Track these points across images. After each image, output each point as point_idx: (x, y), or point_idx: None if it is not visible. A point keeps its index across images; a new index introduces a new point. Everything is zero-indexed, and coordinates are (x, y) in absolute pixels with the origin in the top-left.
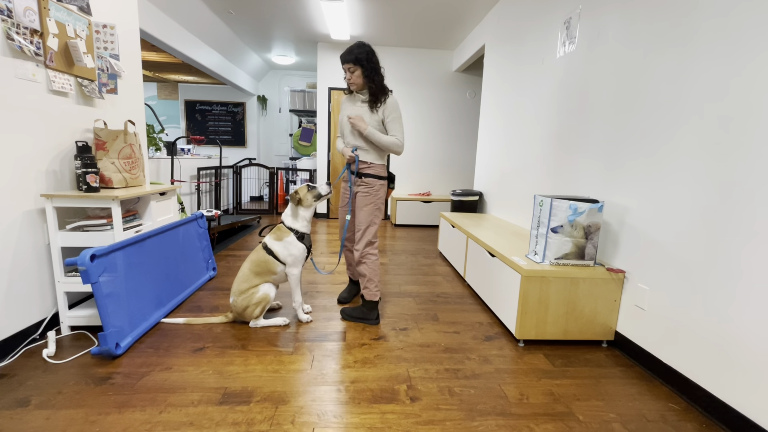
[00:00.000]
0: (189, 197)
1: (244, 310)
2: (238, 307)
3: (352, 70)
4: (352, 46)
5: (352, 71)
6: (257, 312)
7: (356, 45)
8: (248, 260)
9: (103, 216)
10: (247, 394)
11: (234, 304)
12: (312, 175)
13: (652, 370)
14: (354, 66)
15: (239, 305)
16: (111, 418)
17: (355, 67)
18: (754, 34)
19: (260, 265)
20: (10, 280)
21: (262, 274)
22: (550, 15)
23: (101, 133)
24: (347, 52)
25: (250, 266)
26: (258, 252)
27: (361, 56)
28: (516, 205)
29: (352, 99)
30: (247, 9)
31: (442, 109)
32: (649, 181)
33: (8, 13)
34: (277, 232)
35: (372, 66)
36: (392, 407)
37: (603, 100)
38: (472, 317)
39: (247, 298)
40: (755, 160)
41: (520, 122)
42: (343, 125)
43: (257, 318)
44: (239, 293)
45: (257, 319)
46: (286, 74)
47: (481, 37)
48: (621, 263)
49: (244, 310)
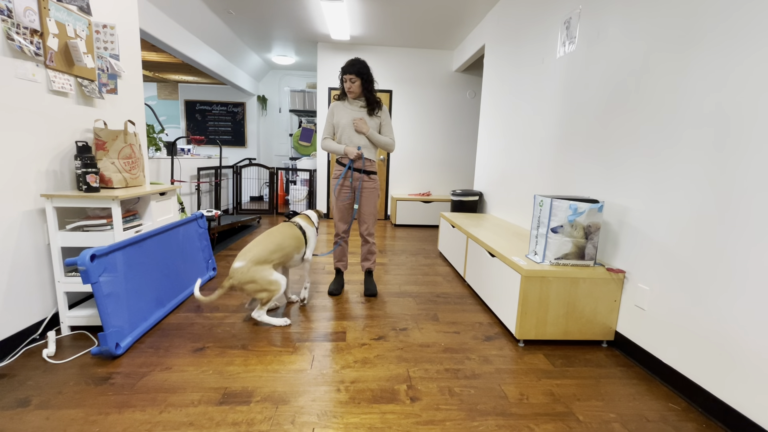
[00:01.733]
0: (189, 197)
1: (252, 283)
2: (246, 277)
3: (353, 80)
4: (353, 60)
5: (353, 81)
6: (264, 297)
7: (356, 60)
8: (278, 232)
9: (103, 216)
10: (247, 394)
11: (242, 271)
12: (312, 175)
13: (652, 370)
14: (356, 77)
15: (249, 275)
16: (111, 418)
17: (357, 78)
18: (755, 34)
19: (294, 240)
20: (10, 280)
21: (286, 252)
22: (550, 15)
23: (101, 133)
24: (350, 65)
25: (282, 239)
26: (293, 229)
27: (362, 70)
28: (516, 206)
29: (349, 105)
30: (247, 9)
31: (442, 109)
32: (650, 180)
33: (8, 13)
34: (307, 220)
35: (369, 78)
36: (392, 407)
37: (603, 100)
38: (472, 317)
39: (261, 273)
40: (756, 160)
41: (520, 122)
42: (344, 126)
43: (263, 306)
44: (256, 261)
45: (263, 307)
46: (286, 74)
47: (481, 37)
48: (621, 263)
49: (252, 283)
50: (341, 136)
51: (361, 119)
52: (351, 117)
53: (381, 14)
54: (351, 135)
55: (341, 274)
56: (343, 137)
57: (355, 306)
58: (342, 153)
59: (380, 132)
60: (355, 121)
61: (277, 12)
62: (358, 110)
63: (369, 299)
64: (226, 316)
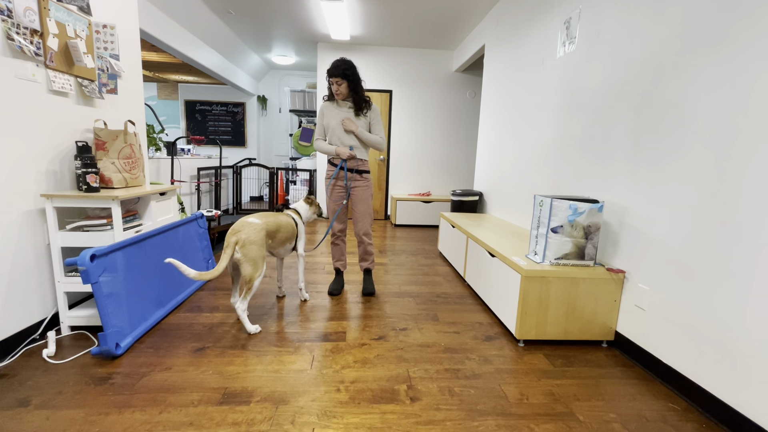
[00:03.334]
0: (189, 197)
1: (253, 246)
2: (255, 237)
3: (339, 83)
4: (338, 62)
5: (339, 84)
6: (248, 273)
7: (342, 61)
8: (282, 218)
9: (103, 216)
10: (247, 394)
11: (257, 228)
12: (312, 176)
13: (652, 370)
14: (341, 80)
15: (258, 236)
16: (111, 418)
17: (342, 80)
18: (759, 36)
19: (292, 230)
20: (10, 280)
21: (282, 238)
22: (550, 15)
23: (101, 133)
24: (334, 68)
25: (283, 225)
26: (290, 219)
27: (348, 72)
28: (516, 205)
29: (338, 105)
30: (247, 9)
31: (442, 109)
32: (650, 180)
33: (8, 13)
34: (297, 215)
35: (355, 79)
36: (392, 407)
37: (603, 99)
38: (472, 317)
39: (261, 248)
40: (756, 161)
41: (521, 122)
42: (334, 127)
43: (248, 294)
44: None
45: (246, 298)
46: (286, 74)
47: (481, 37)
48: (621, 263)
49: (253, 246)
50: (331, 137)
51: (348, 119)
52: (340, 118)
53: (381, 14)
54: (341, 135)
55: (341, 274)
56: (333, 138)
57: (355, 306)
58: (334, 153)
59: (370, 131)
60: (343, 121)
61: (277, 12)
62: (347, 111)
63: (369, 299)
64: (226, 316)
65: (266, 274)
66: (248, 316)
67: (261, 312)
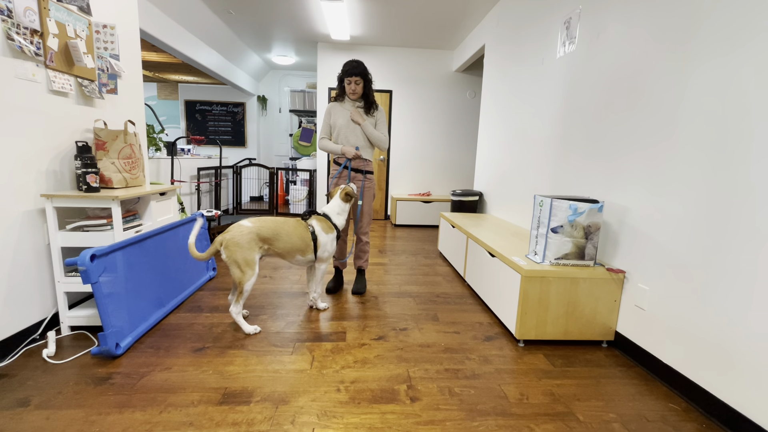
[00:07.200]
0: (189, 197)
1: (237, 248)
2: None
3: (358, 82)
4: (355, 62)
5: (358, 83)
6: (236, 275)
7: (358, 62)
8: (290, 225)
9: (103, 216)
10: (247, 394)
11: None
12: (312, 176)
13: (652, 370)
14: (360, 79)
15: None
16: (111, 418)
17: (361, 79)
18: (756, 35)
19: (299, 240)
20: (10, 280)
21: (286, 248)
22: (550, 15)
23: (101, 133)
24: (353, 67)
25: (289, 232)
26: (306, 230)
27: (365, 71)
28: (516, 206)
29: (346, 106)
30: (247, 9)
31: (442, 109)
32: (650, 180)
33: (8, 13)
34: (324, 223)
35: (370, 80)
36: (392, 407)
37: (603, 99)
38: (472, 317)
39: (250, 250)
40: (755, 161)
41: (521, 122)
42: (340, 127)
43: (240, 298)
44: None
45: (239, 301)
46: (286, 74)
47: (481, 37)
48: (621, 263)
49: (237, 248)
50: (338, 136)
51: (357, 110)
52: (347, 118)
53: (381, 14)
54: (348, 135)
55: (340, 272)
56: (340, 137)
57: (355, 306)
58: (339, 153)
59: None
60: (351, 111)
61: (277, 12)
62: (357, 107)
63: (369, 299)
64: (226, 316)
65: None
66: (248, 316)
67: (261, 312)
